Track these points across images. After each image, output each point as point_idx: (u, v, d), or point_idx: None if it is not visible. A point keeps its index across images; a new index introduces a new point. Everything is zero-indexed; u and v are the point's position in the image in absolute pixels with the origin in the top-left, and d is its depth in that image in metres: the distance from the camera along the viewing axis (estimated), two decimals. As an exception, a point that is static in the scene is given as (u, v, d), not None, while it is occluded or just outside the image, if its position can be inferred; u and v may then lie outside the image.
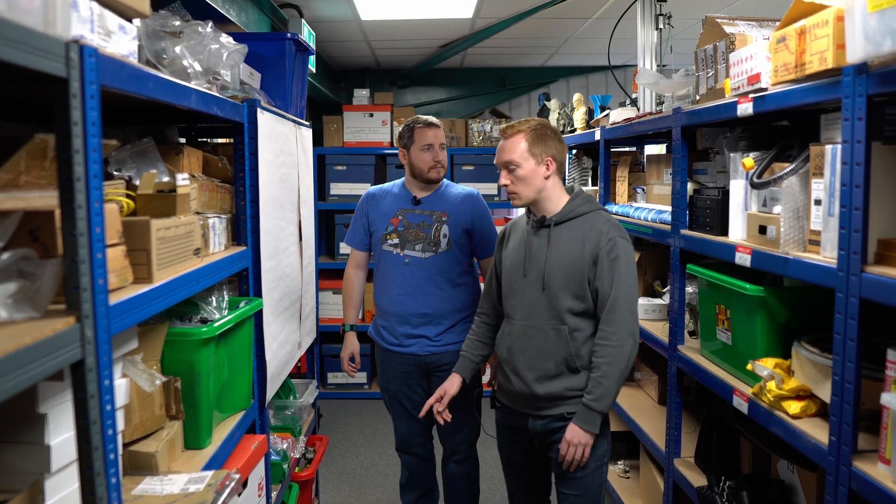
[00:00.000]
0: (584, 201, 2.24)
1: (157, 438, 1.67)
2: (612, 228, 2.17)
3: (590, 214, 2.21)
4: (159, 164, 1.81)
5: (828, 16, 1.53)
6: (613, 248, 2.14)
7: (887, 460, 1.44)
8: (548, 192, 2.22)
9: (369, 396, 5.39)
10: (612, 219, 2.23)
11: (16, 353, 0.95)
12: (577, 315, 2.18)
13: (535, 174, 2.19)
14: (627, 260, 2.15)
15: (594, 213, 2.22)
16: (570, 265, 2.17)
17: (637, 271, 2.21)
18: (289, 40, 2.74)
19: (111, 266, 1.28)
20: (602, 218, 2.21)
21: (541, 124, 2.24)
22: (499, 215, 6.04)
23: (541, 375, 2.22)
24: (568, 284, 2.17)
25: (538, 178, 2.20)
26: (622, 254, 2.14)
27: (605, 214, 2.23)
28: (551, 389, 2.21)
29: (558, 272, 2.18)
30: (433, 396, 2.52)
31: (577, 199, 2.24)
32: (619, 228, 2.19)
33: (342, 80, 6.17)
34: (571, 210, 2.22)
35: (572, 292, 2.17)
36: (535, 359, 2.22)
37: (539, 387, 2.22)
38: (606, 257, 2.13)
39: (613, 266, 2.13)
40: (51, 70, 1.04)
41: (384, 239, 2.93)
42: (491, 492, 3.85)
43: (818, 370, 1.71)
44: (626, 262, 2.15)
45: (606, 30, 4.02)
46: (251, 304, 2.11)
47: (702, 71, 2.35)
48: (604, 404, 2.12)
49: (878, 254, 1.50)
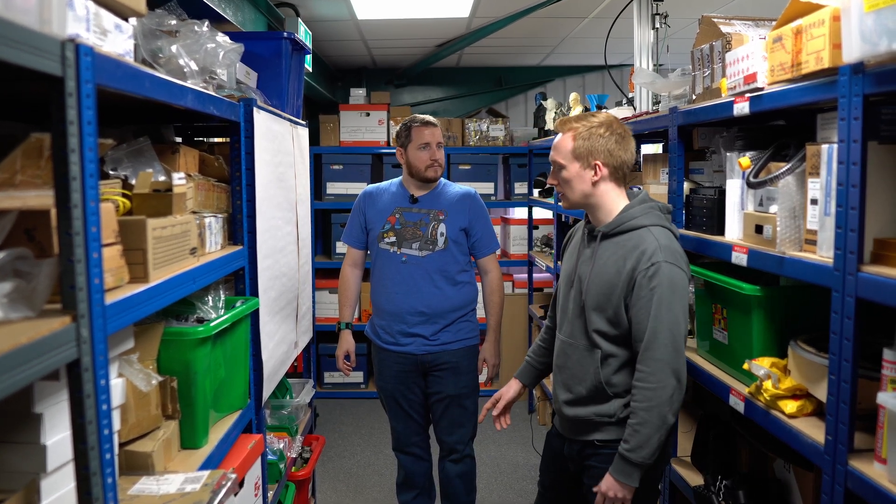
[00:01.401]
0: (641, 213, 1.99)
1: (153, 438, 1.67)
2: (659, 250, 1.90)
3: (642, 230, 1.96)
4: (155, 164, 1.80)
5: (824, 15, 1.54)
6: (656, 274, 1.88)
7: (883, 459, 1.44)
8: (597, 199, 2.02)
9: (366, 396, 5.39)
10: (667, 238, 1.95)
11: (11, 352, 0.95)
12: (610, 340, 1.99)
13: (581, 178, 2.01)
14: (673, 288, 1.89)
15: (648, 229, 1.96)
16: (608, 285, 1.96)
17: (686, 302, 1.95)
18: (285, 39, 2.74)
19: (107, 265, 1.28)
20: (653, 235, 1.94)
21: (600, 122, 2.01)
22: (495, 214, 6.04)
23: (574, 399, 2.08)
24: (601, 306, 1.98)
25: (584, 182, 2.01)
26: (665, 281, 1.88)
27: (659, 232, 1.95)
28: (581, 414, 2.06)
29: (595, 291, 1.99)
30: (489, 401, 2.38)
31: (633, 211, 2.00)
32: (670, 251, 1.92)
33: (339, 80, 6.16)
34: (621, 223, 1.99)
35: (606, 316, 1.98)
36: (570, 379, 2.09)
37: (569, 409, 2.10)
38: (647, 284, 1.89)
39: (653, 294, 1.88)
40: (46, 69, 1.04)
41: (381, 237, 2.94)
42: (488, 491, 3.85)
43: (815, 369, 1.72)
44: (669, 290, 1.88)
45: (603, 29, 4.02)
46: (247, 304, 2.10)
47: (698, 70, 2.36)
48: (642, 455, 1.89)
49: (874, 253, 1.50)
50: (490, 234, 3.01)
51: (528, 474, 4.09)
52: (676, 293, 1.90)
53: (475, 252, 3.00)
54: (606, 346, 2.00)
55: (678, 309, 1.90)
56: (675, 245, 1.97)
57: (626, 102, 3.58)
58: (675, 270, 1.91)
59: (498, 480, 4.01)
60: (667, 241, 1.95)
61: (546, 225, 5.47)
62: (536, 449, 4.42)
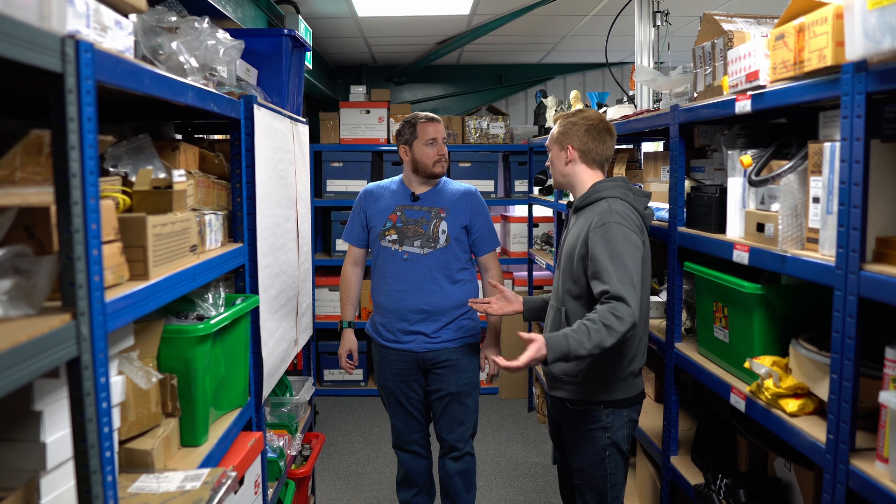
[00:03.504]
0: (605, 188, 2.27)
1: (153, 436, 1.67)
2: (611, 212, 2.16)
3: (602, 201, 2.24)
4: (155, 161, 1.79)
5: (827, 13, 1.53)
6: (606, 231, 2.12)
7: (885, 458, 1.44)
8: (570, 178, 2.35)
9: (366, 393, 5.39)
10: (622, 206, 2.19)
11: (11, 350, 0.95)
12: (574, 298, 2.26)
13: (558, 159, 2.36)
14: (622, 238, 2.11)
15: (607, 199, 2.23)
16: (571, 247, 2.26)
17: (637, 257, 2.12)
18: (285, 36, 2.73)
19: (107, 263, 1.28)
20: (608, 203, 2.20)
21: (584, 116, 2.34)
22: (495, 212, 6.04)
23: None
24: (567, 266, 2.27)
25: (560, 163, 2.36)
26: (612, 236, 2.11)
27: (616, 202, 2.20)
28: (553, 370, 2.32)
29: (565, 255, 2.30)
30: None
31: (599, 185, 2.28)
32: (620, 216, 2.15)
33: (339, 77, 6.16)
34: (588, 196, 2.29)
35: (571, 275, 2.25)
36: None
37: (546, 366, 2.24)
38: (597, 237, 2.13)
39: (603, 239, 2.11)
40: (46, 65, 1.03)
41: (382, 235, 2.93)
42: (487, 489, 3.85)
43: (816, 368, 1.71)
44: (620, 237, 2.10)
45: (603, 27, 4.01)
46: (248, 301, 2.10)
47: (699, 68, 2.35)
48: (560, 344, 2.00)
49: (876, 252, 1.49)
50: (491, 231, 3.01)
51: (527, 472, 4.09)
52: (623, 238, 2.11)
53: (476, 250, 3.00)
54: (570, 304, 2.27)
55: (623, 247, 2.09)
56: (628, 212, 2.20)
57: (627, 100, 3.58)
58: (623, 229, 2.13)
59: (497, 478, 4.01)
60: (621, 208, 2.19)
61: (546, 223, 5.46)
62: (536, 447, 4.43)
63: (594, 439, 2.28)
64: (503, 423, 4.83)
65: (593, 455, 2.29)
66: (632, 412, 2.32)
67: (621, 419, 2.29)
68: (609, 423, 2.27)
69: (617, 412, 2.27)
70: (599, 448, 2.28)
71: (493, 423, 4.81)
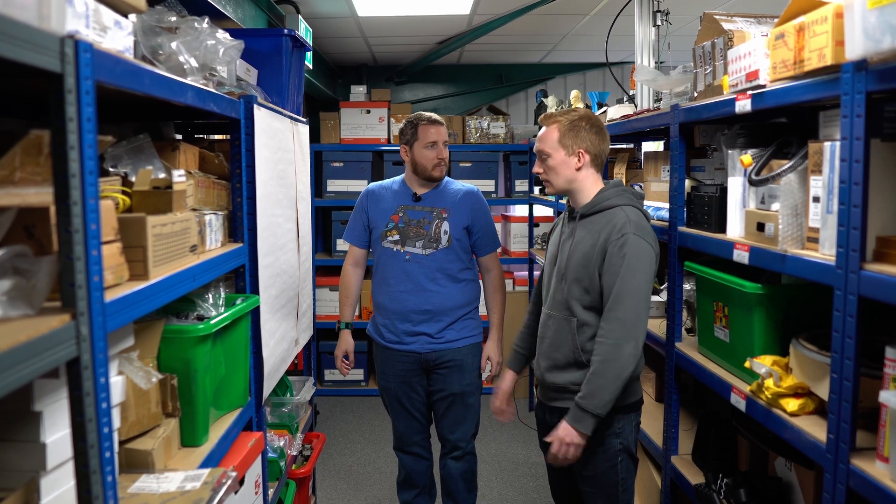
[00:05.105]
0: (614, 195, 2.20)
1: (153, 436, 1.66)
2: (628, 224, 2.11)
3: (615, 209, 2.18)
4: (155, 161, 1.79)
5: (827, 12, 1.53)
6: (625, 244, 2.08)
7: (885, 458, 1.44)
8: (579, 183, 2.24)
9: (366, 393, 5.39)
10: (637, 216, 2.16)
11: (10, 350, 0.95)
12: (587, 309, 2.19)
13: (565, 165, 2.22)
14: (639, 256, 2.09)
15: (620, 208, 2.17)
16: (585, 256, 2.17)
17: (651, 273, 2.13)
18: (285, 36, 2.73)
19: (107, 263, 1.28)
20: (624, 213, 2.15)
21: (580, 116, 2.24)
22: (496, 212, 6.04)
23: (552, 365, 2.27)
24: (579, 276, 2.18)
25: (568, 169, 2.23)
26: (632, 251, 2.08)
27: (630, 210, 2.17)
28: (558, 380, 2.26)
29: (574, 263, 2.20)
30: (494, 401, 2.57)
31: (607, 193, 2.21)
32: (637, 225, 2.12)
33: (339, 77, 6.16)
34: (597, 203, 2.21)
35: (583, 285, 2.18)
36: (550, 347, 2.28)
37: (549, 376, 2.28)
38: (617, 252, 2.09)
39: (623, 261, 2.08)
40: (46, 65, 1.03)
41: (384, 235, 2.93)
42: (488, 489, 3.85)
43: (816, 368, 1.71)
44: (636, 259, 2.08)
45: (604, 26, 4.01)
46: (248, 301, 2.10)
47: (700, 68, 2.35)
48: (593, 403, 2.07)
49: (876, 251, 1.49)
50: (492, 232, 3.01)
51: (528, 472, 4.09)
52: (642, 262, 2.10)
53: (477, 250, 3.00)
54: (582, 315, 2.19)
55: (642, 277, 2.09)
56: (643, 222, 2.17)
57: (628, 100, 3.57)
58: (642, 242, 2.11)
59: (498, 478, 4.01)
60: (636, 217, 2.16)
61: (547, 222, 5.46)
62: (537, 447, 4.42)
63: (606, 446, 2.22)
64: (504, 423, 4.83)
65: (605, 462, 2.23)
66: (637, 416, 2.30)
67: (630, 423, 2.26)
68: (620, 429, 2.23)
69: (626, 416, 2.24)
70: (612, 454, 2.23)
71: (493, 422, 4.81)
